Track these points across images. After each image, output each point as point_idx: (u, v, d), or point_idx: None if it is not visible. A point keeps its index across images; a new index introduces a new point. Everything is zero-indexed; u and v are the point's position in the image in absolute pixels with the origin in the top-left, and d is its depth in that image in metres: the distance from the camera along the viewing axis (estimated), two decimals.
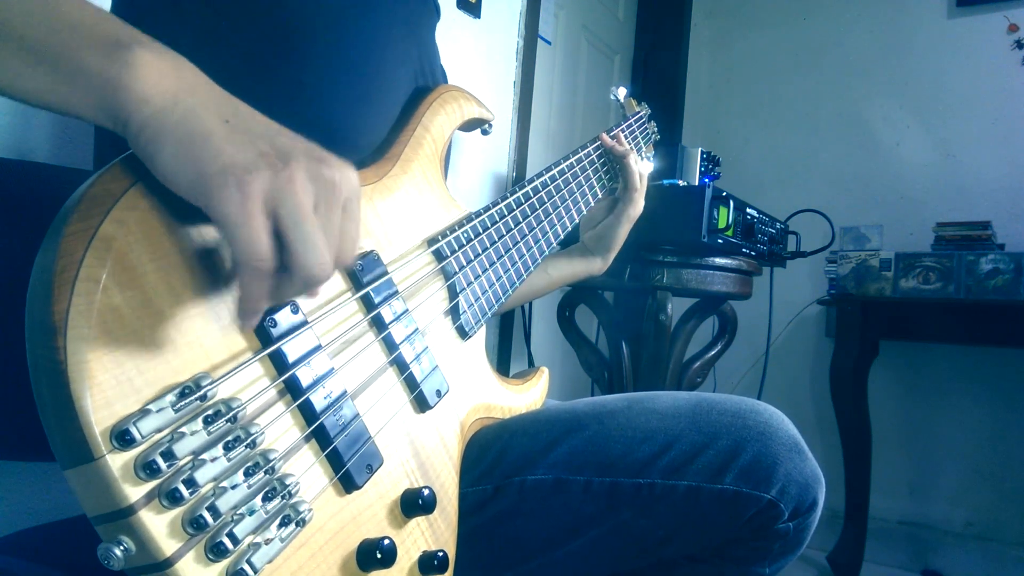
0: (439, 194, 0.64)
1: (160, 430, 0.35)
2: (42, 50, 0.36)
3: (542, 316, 2.14)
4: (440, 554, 0.51)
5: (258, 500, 0.39)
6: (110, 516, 0.34)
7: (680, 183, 1.49)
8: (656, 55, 2.76)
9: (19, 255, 0.43)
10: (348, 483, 0.46)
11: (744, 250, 1.51)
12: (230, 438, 0.38)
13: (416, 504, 0.50)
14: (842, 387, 1.91)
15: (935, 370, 2.26)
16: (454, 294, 0.62)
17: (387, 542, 0.45)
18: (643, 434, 0.64)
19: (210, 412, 0.37)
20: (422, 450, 0.54)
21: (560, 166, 0.80)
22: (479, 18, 1.71)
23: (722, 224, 1.39)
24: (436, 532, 0.53)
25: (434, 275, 0.60)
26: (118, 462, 0.33)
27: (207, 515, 0.36)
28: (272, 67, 0.58)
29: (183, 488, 0.35)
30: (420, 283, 0.58)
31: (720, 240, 1.41)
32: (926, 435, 2.28)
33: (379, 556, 0.45)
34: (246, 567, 0.37)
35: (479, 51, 1.74)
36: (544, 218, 0.75)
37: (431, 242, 0.60)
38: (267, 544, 0.38)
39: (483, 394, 0.66)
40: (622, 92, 1.05)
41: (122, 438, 0.33)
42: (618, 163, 0.88)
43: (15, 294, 0.38)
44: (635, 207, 0.90)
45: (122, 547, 0.33)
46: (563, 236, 0.78)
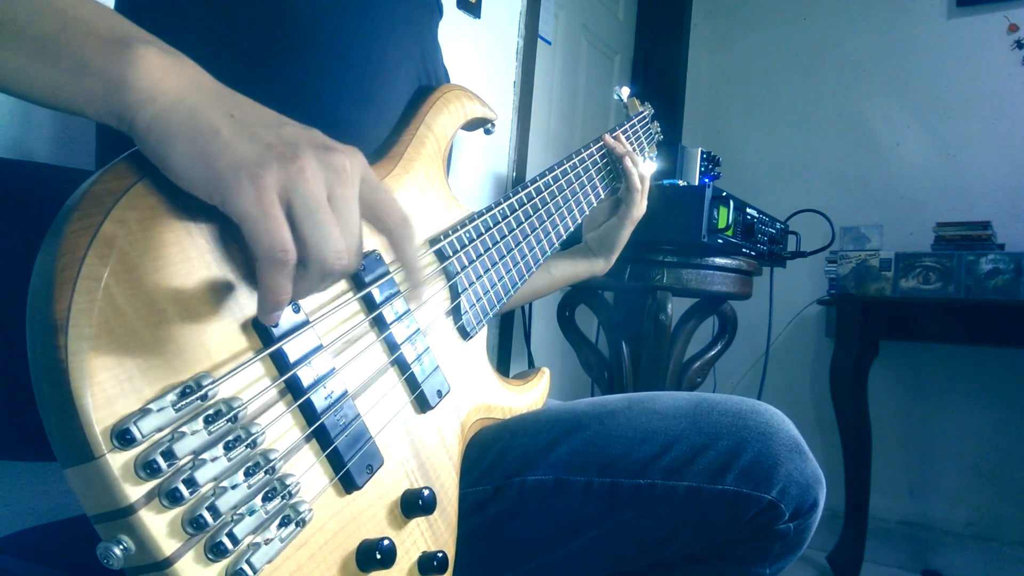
0: (442, 194, 0.64)
1: (161, 429, 0.35)
2: (45, 48, 0.36)
3: (542, 316, 2.14)
4: (440, 555, 0.50)
5: (258, 500, 0.39)
6: (110, 515, 0.34)
7: (680, 183, 1.49)
8: (656, 55, 2.76)
9: (20, 255, 0.43)
10: (348, 483, 0.46)
11: (744, 250, 1.51)
12: (230, 438, 0.38)
13: (416, 505, 0.50)
14: (842, 387, 1.91)
15: (935, 370, 2.26)
16: (456, 294, 0.62)
17: (387, 542, 0.45)
18: (643, 434, 0.64)
19: (211, 412, 0.37)
20: (422, 450, 0.54)
21: (563, 166, 0.80)
22: (479, 18, 1.71)
23: (722, 224, 1.39)
24: (436, 533, 0.53)
25: (436, 275, 0.60)
26: (118, 461, 0.33)
27: (207, 515, 0.36)
28: (273, 67, 0.58)
29: (183, 488, 0.35)
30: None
31: (720, 240, 1.41)
32: (926, 435, 2.28)
33: (379, 556, 0.45)
34: (246, 567, 0.37)
35: (479, 51, 1.73)
36: (546, 219, 0.75)
37: (433, 242, 0.60)
38: (267, 544, 0.38)
39: (484, 394, 0.65)
40: (625, 92, 1.05)
41: (122, 437, 0.33)
42: (619, 164, 0.88)
43: (15, 294, 0.38)
44: (637, 208, 0.90)
45: (122, 546, 0.33)
46: (565, 237, 0.78)
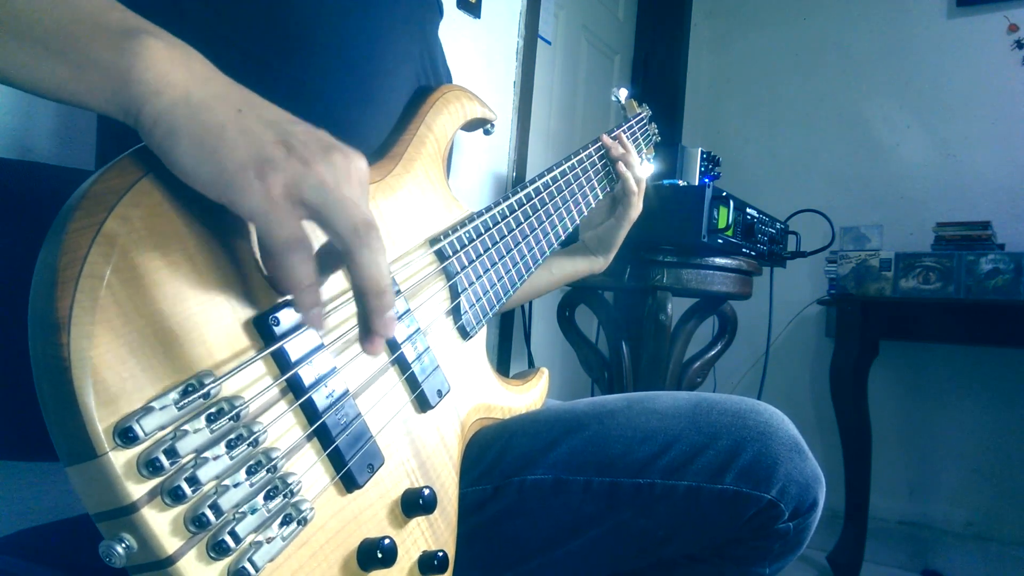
0: (441, 194, 0.64)
1: (163, 428, 0.35)
2: (51, 41, 0.36)
3: (542, 316, 2.14)
4: (440, 554, 0.51)
5: (260, 499, 0.39)
6: (112, 513, 0.34)
7: (680, 183, 1.49)
8: (656, 55, 2.76)
9: (20, 255, 0.43)
10: (349, 482, 0.46)
11: (744, 250, 1.51)
12: (232, 436, 0.38)
13: (416, 504, 0.50)
14: (842, 387, 1.91)
15: (935, 370, 2.26)
16: (456, 294, 0.62)
17: (388, 542, 0.45)
18: (643, 434, 0.64)
19: (213, 410, 0.37)
20: (423, 450, 0.54)
21: (562, 167, 0.80)
22: (479, 18, 1.71)
23: (722, 224, 1.39)
24: (436, 532, 0.53)
25: (436, 275, 0.60)
26: (121, 459, 0.33)
27: (209, 513, 0.36)
28: (273, 67, 0.58)
29: (185, 486, 0.35)
30: (422, 283, 0.58)
31: (720, 240, 1.41)
32: (926, 435, 2.28)
33: (380, 555, 0.45)
34: (247, 566, 0.37)
35: (479, 51, 1.74)
36: (546, 219, 0.75)
37: (433, 242, 0.60)
38: (268, 543, 0.38)
39: (483, 394, 0.66)
40: (623, 93, 1.05)
41: (125, 435, 0.33)
42: (614, 166, 0.89)
43: (16, 293, 0.38)
44: (634, 209, 0.91)
45: (124, 545, 0.33)
46: (564, 238, 0.78)
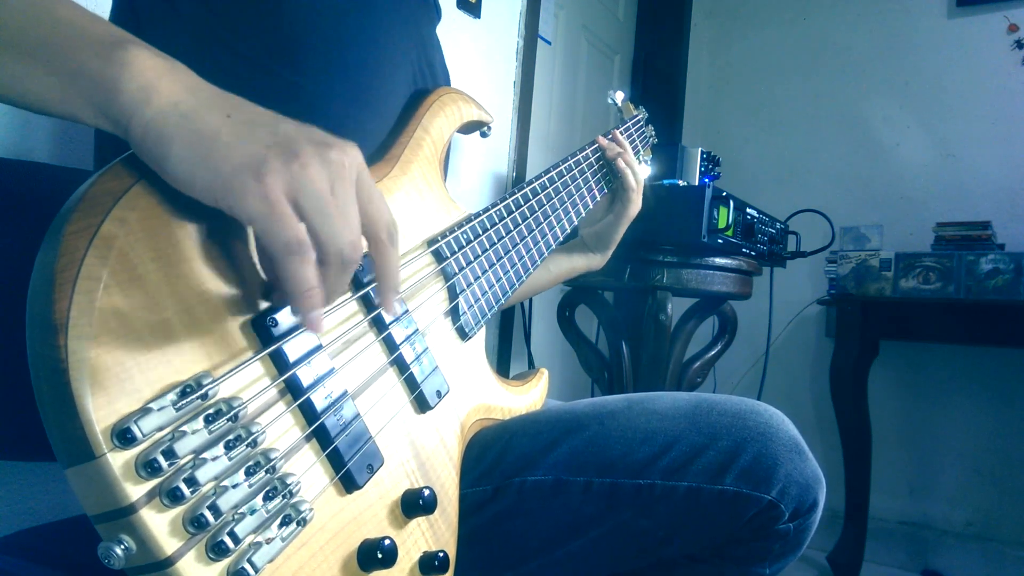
0: (439, 195, 0.64)
1: (161, 429, 0.35)
2: (37, 54, 0.36)
3: (542, 316, 2.14)
4: (440, 554, 0.51)
5: (259, 499, 0.39)
6: (111, 515, 0.34)
7: (680, 183, 1.49)
8: (656, 55, 2.76)
9: (19, 255, 0.43)
10: (349, 483, 0.46)
11: (744, 250, 1.51)
12: (231, 437, 0.38)
13: (417, 504, 0.50)
14: (842, 387, 1.91)
15: (935, 370, 2.26)
16: (454, 295, 0.62)
17: (388, 542, 0.45)
18: (643, 435, 0.64)
19: (211, 411, 0.37)
20: (422, 450, 0.54)
21: (559, 168, 0.80)
22: (479, 18, 1.71)
23: (722, 224, 1.39)
24: (436, 532, 0.53)
25: (434, 276, 0.60)
26: (119, 460, 0.33)
27: (208, 514, 0.36)
28: (270, 70, 0.58)
29: (184, 487, 0.35)
30: (420, 284, 0.58)
31: (720, 240, 1.41)
32: (926, 435, 2.28)
33: (380, 556, 0.45)
34: (247, 566, 0.37)
35: (479, 51, 1.74)
36: (543, 220, 0.75)
37: (431, 243, 0.60)
38: (268, 543, 0.38)
39: (483, 395, 0.66)
40: (619, 96, 1.05)
41: (123, 436, 0.33)
42: (613, 164, 0.89)
43: (15, 294, 0.38)
44: (633, 206, 0.91)
45: (123, 546, 0.33)
46: (562, 238, 0.78)
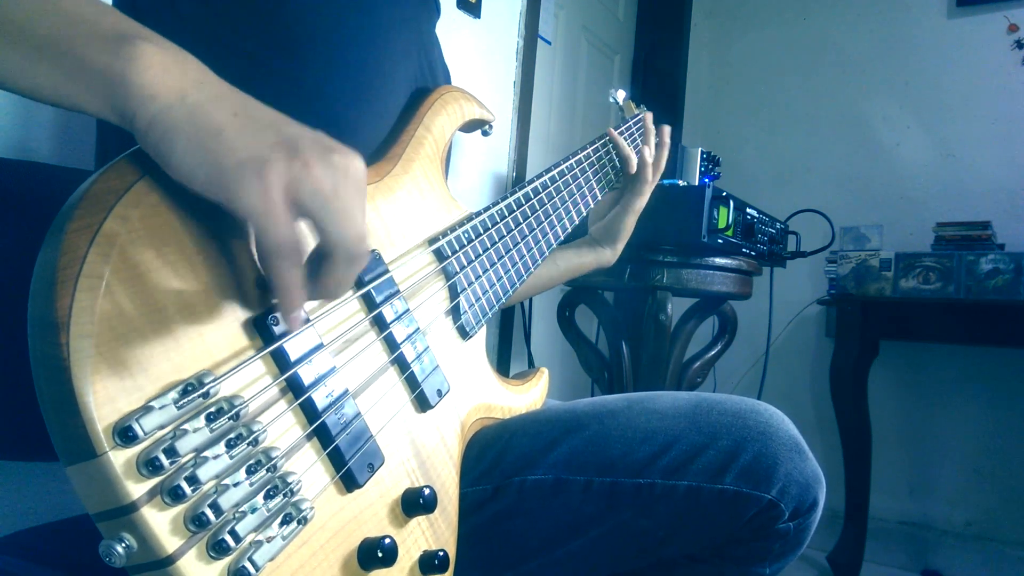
0: (440, 194, 0.64)
1: (162, 427, 0.35)
2: (46, 46, 0.36)
3: (542, 316, 2.14)
4: (441, 553, 0.51)
5: (260, 498, 0.39)
6: (112, 513, 0.34)
7: (680, 183, 1.49)
8: (656, 55, 2.76)
9: (20, 255, 0.43)
10: (349, 482, 0.46)
11: (744, 250, 1.51)
12: (232, 436, 0.38)
13: (417, 503, 0.50)
14: (842, 387, 1.91)
15: (935, 370, 2.26)
16: (455, 294, 0.62)
17: (388, 541, 0.45)
18: (643, 434, 0.64)
19: (212, 409, 0.37)
20: (423, 449, 0.54)
21: (561, 167, 0.80)
22: (479, 18, 1.71)
23: (722, 224, 1.39)
24: (437, 531, 0.53)
25: (435, 275, 0.60)
26: (120, 459, 0.33)
27: (209, 512, 0.36)
28: (271, 67, 0.58)
29: (185, 485, 0.35)
30: (421, 283, 0.58)
31: (720, 240, 1.41)
32: (926, 435, 2.28)
33: (380, 555, 0.45)
34: (248, 565, 0.37)
35: (479, 51, 1.74)
36: (545, 219, 0.75)
37: (432, 241, 0.60)
38: (269, 542, 0.38)
39: (483, 394, 0.66)
40: (621, 95, 1.05)
41: (125, 435, 0.33)
42: (626, 155, 0.89)
43: (16, 293, 0.38)
44: (643, 199, 0.92)
45: (124, 544, 0.33)
46: (563, 237, 0.78)
